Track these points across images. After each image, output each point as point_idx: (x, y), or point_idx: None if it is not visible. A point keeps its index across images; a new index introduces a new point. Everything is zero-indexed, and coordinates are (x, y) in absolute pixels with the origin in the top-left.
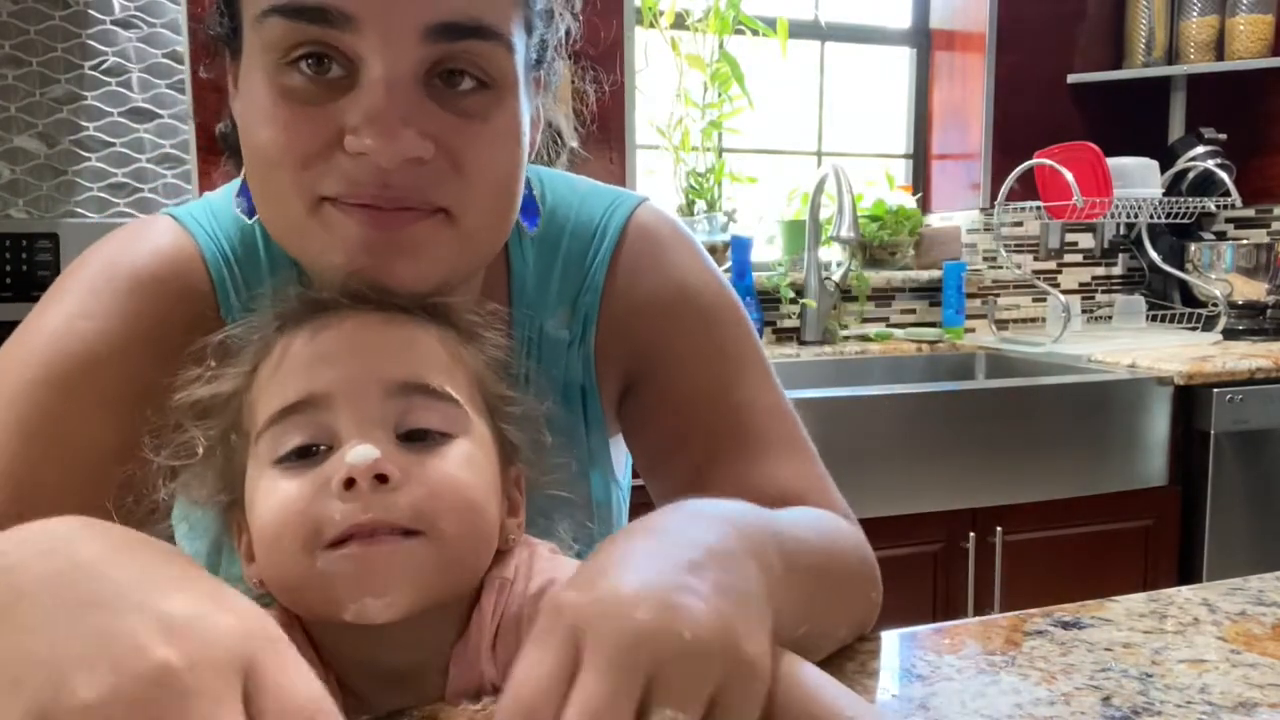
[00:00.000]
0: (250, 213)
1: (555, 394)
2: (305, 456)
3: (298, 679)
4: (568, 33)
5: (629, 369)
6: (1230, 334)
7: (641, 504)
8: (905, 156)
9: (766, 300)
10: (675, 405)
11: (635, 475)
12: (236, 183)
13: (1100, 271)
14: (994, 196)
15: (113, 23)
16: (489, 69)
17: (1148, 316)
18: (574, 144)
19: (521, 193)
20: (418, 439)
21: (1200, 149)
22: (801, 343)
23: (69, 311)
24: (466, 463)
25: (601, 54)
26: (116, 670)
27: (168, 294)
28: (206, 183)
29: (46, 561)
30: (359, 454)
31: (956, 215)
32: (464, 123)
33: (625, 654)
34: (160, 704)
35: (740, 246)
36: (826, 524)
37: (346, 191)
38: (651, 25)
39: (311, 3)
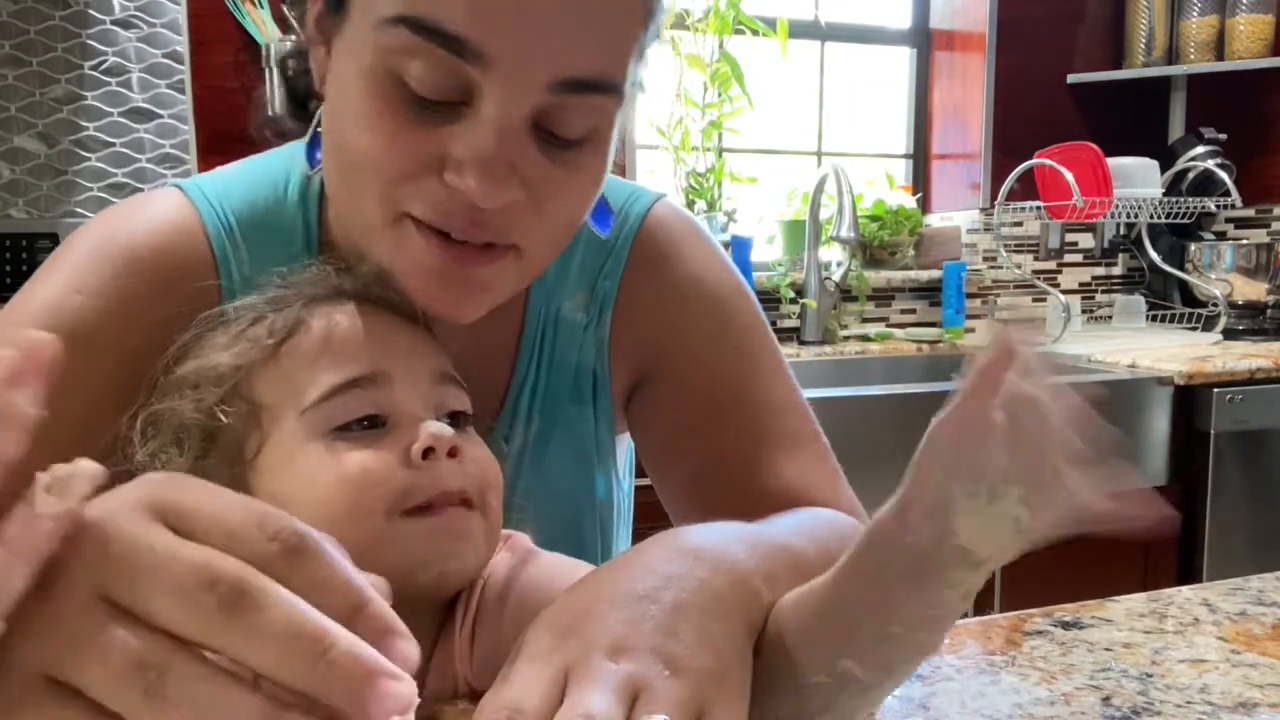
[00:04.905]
0: (313, 167)
1: (567, 379)
2: (369, 428)
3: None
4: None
5: (641, 360)
6: (1230, 334)
7: (645, 504)
8: (905, 156)
9: (766, 300)
10: (686, 399)
11: (639, 475)
12: (253, 160)
13: (1100, 271)
14: (994, 196)
15: (113, 23)
16: (597, 122)
17: (1148, 316)
18: None
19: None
20: (453, 422)
21: (1200, 149)
22: (801, 343)
23: (63, 285)
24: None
25: None
26: None
27: (166, 269)
28: None
29: None
30: (440, 427)
31: (956, 215)
32: (561, 171)
33: (619, 680)
34: None
35: (740, 246)
36: (825, 529)
37: (432, 218)
38: None
39: (450, 29)
